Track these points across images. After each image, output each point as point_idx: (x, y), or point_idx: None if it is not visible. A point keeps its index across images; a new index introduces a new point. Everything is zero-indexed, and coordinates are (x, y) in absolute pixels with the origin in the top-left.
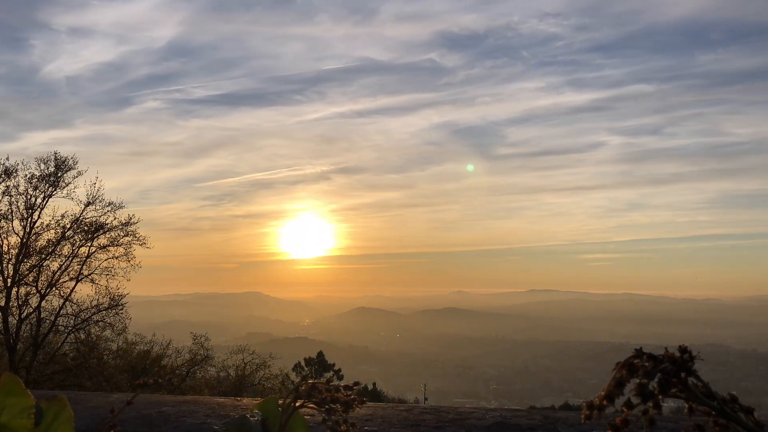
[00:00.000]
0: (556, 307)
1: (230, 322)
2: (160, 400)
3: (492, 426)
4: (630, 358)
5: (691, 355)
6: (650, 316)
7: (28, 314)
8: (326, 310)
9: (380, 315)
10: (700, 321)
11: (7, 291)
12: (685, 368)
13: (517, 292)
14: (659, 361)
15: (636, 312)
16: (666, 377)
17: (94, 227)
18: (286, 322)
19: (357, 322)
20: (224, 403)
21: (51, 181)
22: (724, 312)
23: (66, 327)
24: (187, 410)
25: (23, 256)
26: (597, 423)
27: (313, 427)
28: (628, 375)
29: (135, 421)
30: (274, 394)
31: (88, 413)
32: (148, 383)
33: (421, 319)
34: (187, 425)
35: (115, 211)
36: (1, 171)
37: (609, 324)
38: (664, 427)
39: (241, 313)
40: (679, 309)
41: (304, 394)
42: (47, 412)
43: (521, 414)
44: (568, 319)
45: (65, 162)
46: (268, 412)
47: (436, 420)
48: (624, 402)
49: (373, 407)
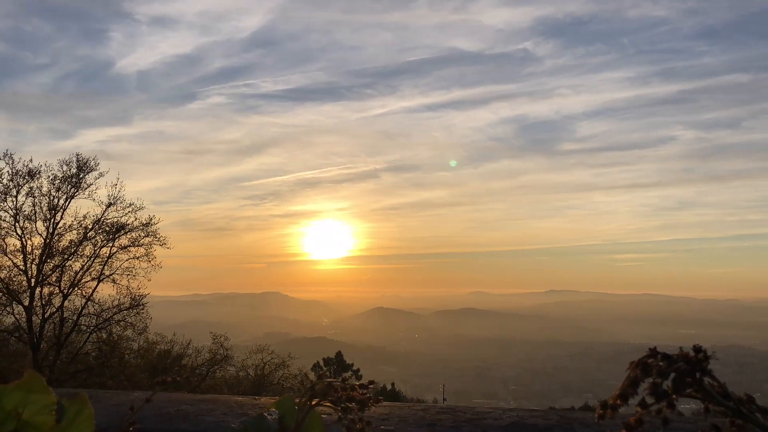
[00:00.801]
0: (574, 308)
1: (249, 322)
2: (180, 398)
3: (508, 426)
4: (644, 357)
5: (706, 354)
6: (671, 317)
7: (51, 314)
8: (344, 310)
9: (398, 315)
10: (722, 322)
11: (31, 291)
12: (699, 368)
13: (536, 292)
14: (673, 360)
15: (656, 313)
16: (680, 377)
17: (116, 228)
18: (304, 322)
19: (375, 323)
20: (242, 401)
21: (73, 183)
22: (746, 313)
23: (88, 326)
24: (205, 408)
25: (46, 256)
26: (613, 423)
27: (330, 426)
28: (643, 374)
29: (154, 418)
30: (292, 394)
31: (108, 411)
32: (166, 381)
33: (439, 320)
34: (206, 423)
35: (136, 212)
36: (25, 173)
37: (629, 325)
38: (682, 428)
39: (260, 313)
40: (701, 310)
41: (320, 393)
42: (69, 409)
43: (538, 414)
44: (587, 320)
45: (87, 163)
46: (285, 411)
47: (452, 420)
48: (638, 401)
49: (389, 407)
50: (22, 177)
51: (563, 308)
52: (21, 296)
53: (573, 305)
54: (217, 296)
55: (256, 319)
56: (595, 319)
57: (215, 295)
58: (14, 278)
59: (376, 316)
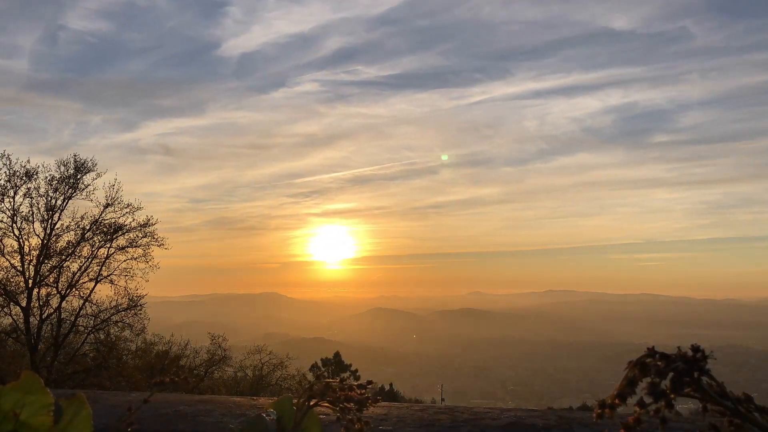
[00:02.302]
0: (573, 308)
1: (248, 323)
2: (178, 399)
3: (507, 426)
4: (642, 357)
5: (704, 354)
6: (670, 317)
7: (48, 315)
8: (343, 310)
9: (397, 315)
10: (720, 322)
11: (29, 292)
12: (697, 367)
13: (534, 292)
14: (672, 360)
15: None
16: (678, 376)
17: (113, 228)
18: (302, 322)
19: (374, 323)
20: (240, 402)
21: (71, 183)
22: (744, 313)
23: (86, 327)
24: (203, 409)
25: (44, 257)
26: (612, 423)
27: (328, 426)
28: (641, 374)
29: (152, 419)
30: (290, 395)
31: (106, 411)
32: (164, 381)
33: (437, 320)
34: (204, 424)
35: (134, 212)
36: (23, 173)
37: (627, 325)
38: (680, 428)
39: (258, 313)
40: (699, 311)
41: (318, 393)
42: (66, 410)
43: (536, 414)
44: (585, 320)
45: (84, 164)
46: (283, 411)
47: (450, 420)
48: (637, 401)
49: (387, 407)
50: (19, 178)
51: (562, 308)
52: (18, 297)
53: (571, 305)
54: (215, 297)
55: (254, 320)
56: (593, 320)
57: (213, 296)
58: (12, 279)
59: (374, 316)
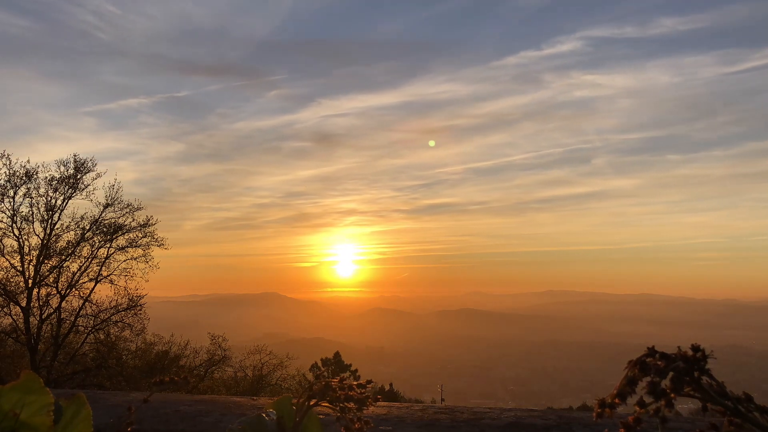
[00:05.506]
0: (572, 308)
1: (248, 323)
2: (177, 399)
3: (506, 426)
4: (642, 356)
5: (704, 353)
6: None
7: (48, 315)
8: (343, 310)
9: (397, 316)
10: (720, 322)
11: (29, 292)
12: (698, 367)
13: (534, 292)
14: (672, 359)
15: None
16: (678, 376)
17: (113, 228)
18: (302, 322)
19: (374, 323)
20: (240, 402)
21: (70, 183)
22: (744, 313)
23: (86, 327)
24: (203, 409)
25: (44, 257)
26: (611, 422)
27: (328, 426)
28: (641, 373)
29: (152, 419)
30: (290, 394)
31: (106, 411)
32: (164, 381)
33: (437, 320)
34: (204, 424)
35: (134, 212)
36: (23, 173)
37: (627, 325)
38: (680, 427)
39: (258, 313)
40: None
41: (318, 393)
42: (66, 410)
43: (536, 414)
44: (585, 320)
45: (84, 164)
46: (283, 411)
47: (450, 420)
48: (636, 401)
49: (387, 407)
50: (19, 178)
51: (562, 308)
52: (18, 297)
53: (571, 305)
54: (216, 297)
55: (254, 320)
56: (593, 320)
57: (213, 296)
58: (11, 279)
59: (374, 316)
